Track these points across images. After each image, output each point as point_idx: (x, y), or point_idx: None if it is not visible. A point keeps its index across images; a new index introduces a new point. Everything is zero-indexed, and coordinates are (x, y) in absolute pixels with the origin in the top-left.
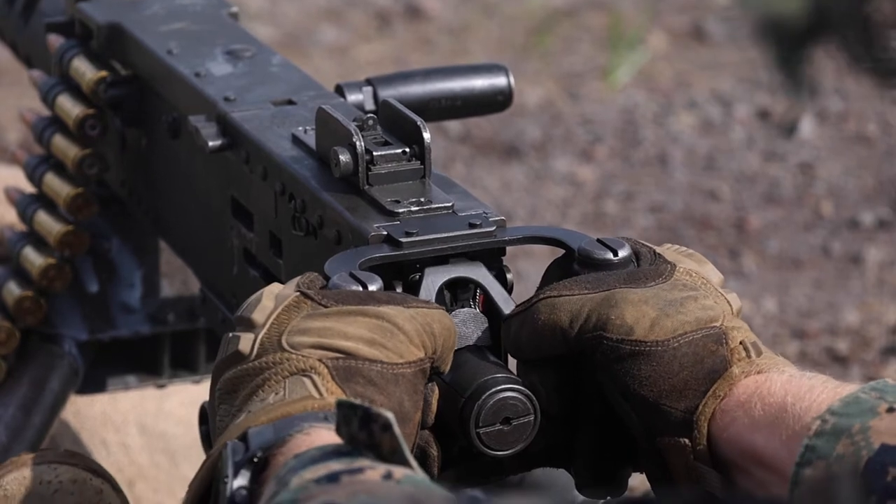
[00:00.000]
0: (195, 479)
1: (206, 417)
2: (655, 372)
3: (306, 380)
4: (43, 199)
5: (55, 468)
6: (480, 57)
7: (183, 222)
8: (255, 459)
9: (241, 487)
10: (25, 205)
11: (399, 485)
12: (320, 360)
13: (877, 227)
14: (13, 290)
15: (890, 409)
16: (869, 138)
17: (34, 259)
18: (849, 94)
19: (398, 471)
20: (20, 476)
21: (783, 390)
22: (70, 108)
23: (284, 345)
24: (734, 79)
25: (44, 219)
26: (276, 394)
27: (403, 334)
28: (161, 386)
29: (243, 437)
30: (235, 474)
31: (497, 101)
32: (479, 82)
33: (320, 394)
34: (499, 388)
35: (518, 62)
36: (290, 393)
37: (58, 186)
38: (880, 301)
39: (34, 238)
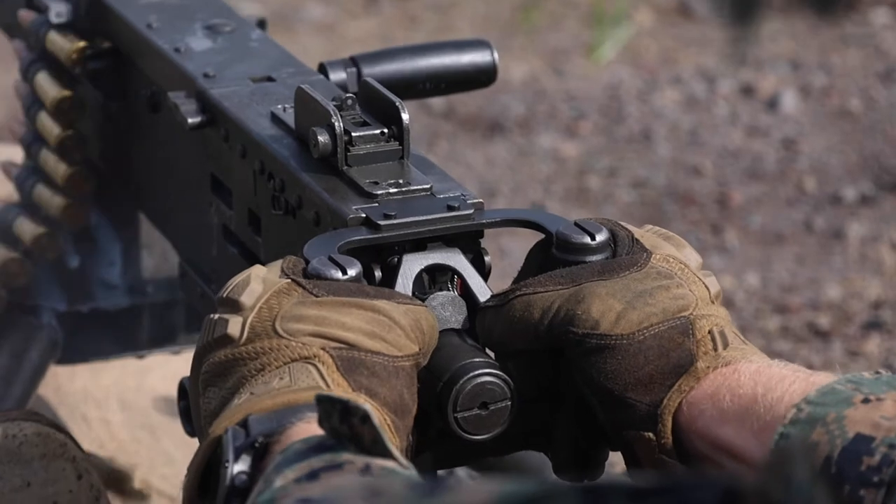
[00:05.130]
0: (194, 460)
1: (185, 393)
2: (621, 365)
3: (312, 368)
4: (40, 173)
5: (19, 424)
6: (466, 34)
7: (162, 196)
8: (256, 445)
9: (241, 472)
10: (24, 178)
11: (376, 479)
12: (323, 349)
13: (859, 203)
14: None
15: (865, 400)
16: (852, 113)
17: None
18: (832, 68)
19: (377, 464)
20: None
21: (753, 381)
22: (62, 43)
23: (280, 331)
24: (719, 55)
25: (42, 192)
26: (281, 379)
27: (400, 328)
28: (141, 356)
29: (244, 423)
30: (236, 459)
31: (482, 77)
32: (464, 58)
33: (327, 384)
34: (476, 372)
35: (504, 38)
36: (296, 380)
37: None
38: (862, 276)
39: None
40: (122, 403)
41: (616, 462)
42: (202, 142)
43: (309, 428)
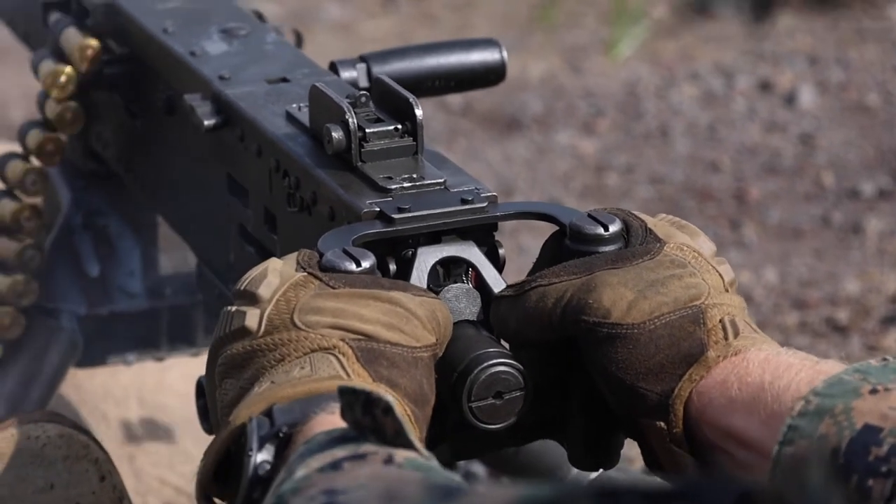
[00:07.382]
0: (212, 446)
1: (203, 391)
2: (632, 354)
3: (332, 359)
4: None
5: (42, 426)
6: (484, 32)
7: (179, 198)
8: (280, 435)
9: (264, 461)
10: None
11: (400, 469)
12: (343, 341)
13: (877, 197)
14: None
15: (873, 391)
16: (869, 108)
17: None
18: (850, 63)
19: (400, 454)
20: (9, 435)
21: (760, 369)
22: (73, 37)
23: (298, 323)
24: (736, 51)
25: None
26: (302, 368)
27: (417, 319)
28: (160, 359)
29: (269, 413)
30: (260, 448)
31: (490, 76)
32: (473, 57)
33: (347, 374)
34: (491, 362)
35: (522, 36)
36: (317, 370)
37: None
38: (880, 270)
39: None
40: (142, 402)
41: (635, 458)
42: (218, 143)
43: (332, 419)
